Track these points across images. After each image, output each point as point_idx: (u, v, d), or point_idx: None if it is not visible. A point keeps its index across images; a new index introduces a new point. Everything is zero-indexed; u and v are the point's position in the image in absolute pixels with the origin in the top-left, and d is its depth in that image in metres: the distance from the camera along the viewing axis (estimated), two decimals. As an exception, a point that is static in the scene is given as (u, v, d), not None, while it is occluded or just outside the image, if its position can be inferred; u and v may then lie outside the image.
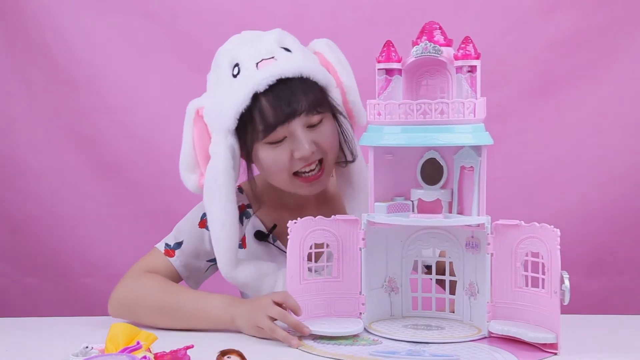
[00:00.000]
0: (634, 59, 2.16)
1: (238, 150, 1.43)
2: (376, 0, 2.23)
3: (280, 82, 1.38)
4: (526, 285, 1.27)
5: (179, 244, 1.53)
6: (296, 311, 1.32)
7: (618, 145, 2.19)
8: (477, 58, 1.25)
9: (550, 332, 1.22)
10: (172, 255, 1.53)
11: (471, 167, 1.29)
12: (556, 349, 1.21)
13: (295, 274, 1.34)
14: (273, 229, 1.56)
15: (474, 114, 1.24)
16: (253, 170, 1.49)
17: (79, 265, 2.30)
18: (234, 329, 1.37)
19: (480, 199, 1.28)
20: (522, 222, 1.26)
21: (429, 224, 1.33)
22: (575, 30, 2.17)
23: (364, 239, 1.35)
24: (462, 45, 1.25)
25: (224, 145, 1.41)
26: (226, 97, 1.41)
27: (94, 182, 2.28)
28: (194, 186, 1.47)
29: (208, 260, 1.55)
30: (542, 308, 1.25)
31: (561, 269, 1.21)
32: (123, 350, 1.12)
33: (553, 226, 1.22)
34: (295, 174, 1.44)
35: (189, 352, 1.14)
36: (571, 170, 2.21)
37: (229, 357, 1.11)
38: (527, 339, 1.23)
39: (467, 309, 1.35)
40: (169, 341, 1.22)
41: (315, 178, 1.45)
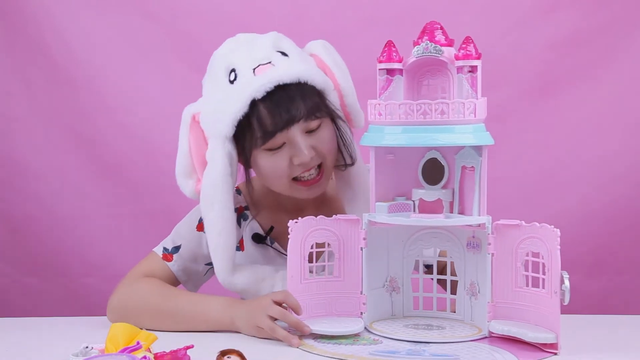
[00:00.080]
0: (634, 59, 2.16)
1: (236, 156, 1.42)
2: (376, 0, 2.22)
3: (278, 88, 1.36)
4: (526, 285, 1.27)
5: (177, 248, 1.53)
6: (297, 310, 1.32)
7: (618, 145, 2.18)
8: (478, 58, 1.25)
9: (551, 332, 1.22)
10: (170, 260, 1.52)
11: (472, 167, 1.29)
12: (556, 348, 1.21)
13: (296, 273, 1.34)
14: (270, 231, 1.55)
15: (475, 114, 1.24)
16: (250, 173, 1.48)
17: (79, 265, 2.30)
18: (234, 330, 1.37)
19: (481, 199, 1.28)
20: (523, 222, 1.27)
21: (430, 224, 1.34)
22: (575, 30, 2.17)
23: (365, 239, 1.34)
24: (463, 45, 1.25)
25: (222, 152, 1.40)
26: (223, 104, 1.39)
27: (94, 182, 2.28)
28: (191, 192, 1.46)
29: (206, 264, 1.54)
30: (543, 308, 1.25)
31: (561, 269, 1.21)
32: (123, 350, 1.12)
33: (553, 226, 1.22)
34: (294, 178, 1.43)
35: (189, 352, 1.14)
36: (571, 170, 2.21)
37: (229, 357, 1.11)
38: (528, 339, 1.23)
39: (468, 309, 1.35)
40: (169, 341, 1.22)
41: (315, 182, 1.44)
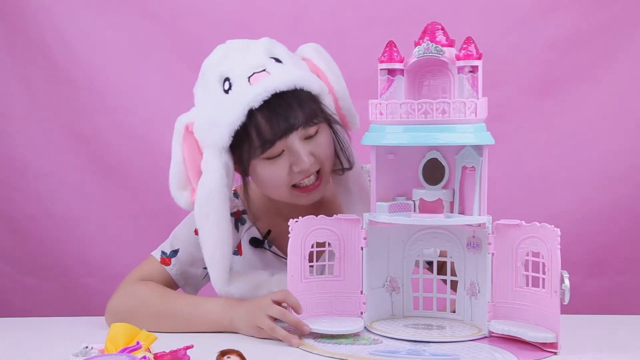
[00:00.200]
0: (634, 59, 2.16)
1: (232, 166, 1.41)
2: (376, 0, 2.22)
3: (275, 96, 1.35)
4: (527, 285, 1.27)
5: (175, 252, 1.52)
6: (297, 309, 1.32)
7: (618, 145, 2.18)
8: (479, 58, 1.25)
9: (551, 332, 1.22)
10: (169, 264, 1.52)
11: (472, 167, 1.29)
12: (556, 348, 1.21)
13: (296, 272, 1.34)
14: (268, 235, 1.55)
15: (476, 113, 1.24)
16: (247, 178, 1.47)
17: (78, 265, 2.30)
18: (234, 330, 1.37)
19: (481, 198, 1.28)
20: (523, 222, 1.27)
21: (431, 224, 1.34)
22: (575, 30, 2.17)
23: (365, 239, 1.35)
24: (464, 45, 1.25)
25: (218, 162, 1.38)
26: (219, 114, 1.37)
27: (94, 182, 2.28)
28: (186, 203, 1.44)
29: (204, 268, 1.51)
30: (543, 308, 1.25)
31: (561, 269, 1.22)
32: (123, 350, 1.12)
33: (553, 226, 1.22)
34: (294, 185, 1.42)
35: (188, 352, 1.14)
36: (571, 170, 2.21)
37: (228, 357, 1.11)
38: (527, 339, 1.23)
39: (468, 309, 1.35)
40: (168, 341, 1.22)
41: (314, 188, 1.43)
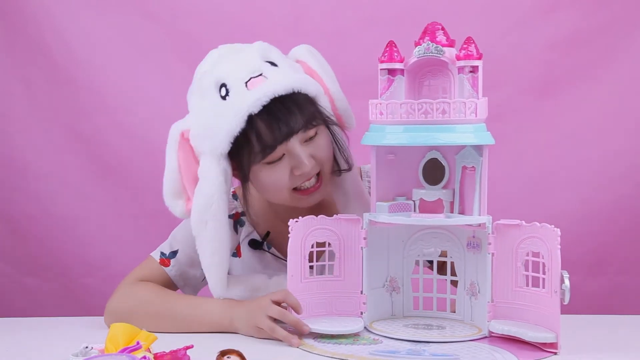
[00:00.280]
0: (634, 59, 2.16)
1: (230, 173, 1.40)
2: (376, 0, 2.22)
3: (273, 100, 1.34)
4: (527, 285, 1.27)
5: (174, 253, 1.52)
6: (297, 309, 1.32)
7: (618, 145, 2.18)
8: (479, 58, 1.25)
9: (551, 332, 1.22)
10: (168, 265, 1.52)
11: (472, 167, 1.29)
12: (556, 348, 1.21)
13: (296, 272, 1.34)
14: (267, 236, 1.55)
15: (476, 113, 1.24)
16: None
17: (78, 266, 2.30)
18: (233, 331, 1.37)
19: (481, 198, 1.28)
20: (523, 222, 1.27)
21: (431, 224, 1.34)
22: (575, 30, 2.17)
23: (365, 239, 1.35)
24: (464, 45, 1.25)
25: (216, 169, 1.37)
26: (217, 120, 1.36)
27: (93, 182, 2.28)
28: (182, 212, 1.42)
29: None
30: (543, 308, 1.25)
31: (561, 269, 1.22)
32: (123, 350, 1.12)
33: (553, 226, 1.22)
34: (295, 188, 1.42)
35: (188, 352, 1.14)
36: (571, 170, 2.21)
37: (228, 357, 1.11)
38: (527, 339, 1.23)
39: (468, 309, 1.35)
40: (168, 341, 1.22)
41: (315, 190, 1.43)
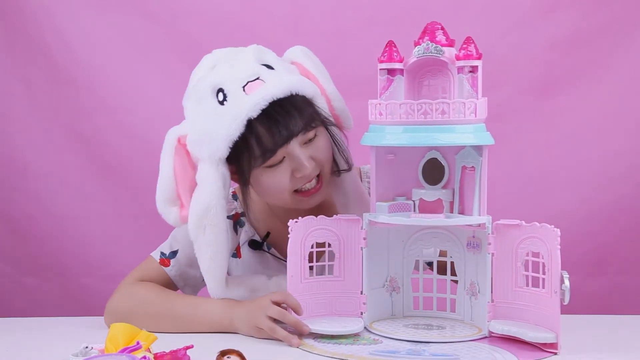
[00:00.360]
0: (634, 59, 2.16)
1: (229, 177, 1.40)
2: (376, 0, 2.22)
3: (272, 104, 1.34)
4: (527, 285, 1.27)
5: (174, 253, 1.52)
6: (297, 310, 1.32)
7: (618, 145, 2.18)
8: (479, 58, 1.25)
9: (551, 332, 1.22)
10: (168, 265, 1.52)
11: (472, 167, 1.29)
12: (556, 348, 1.21)
13: (296, 273, 1.34)
14: (267, 237, 1.55)
15: (475, 114, 1.24)
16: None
17: (78, 265, 2.30)
18: (233, 331, 1.37)
19: (481, 198, 1.28)
20: (523, 222, 1.27)
21: (431, 224, 1.34)
22: (575, 30, 2.17)
23: (365, 239, 1.35)
24: (464, 45, 1.25)
25: (215, 174, 1.36)
26: (215, 125, 1.35)
27: (93, 182, 2.28)
28: (175, 219, 1.41)
29: None
30: (543, 308, 1.25)
31: (561, 269, 1.22)
32: (123, 350, 1.12)
33: (553, 226, 1.22)
34: (295, 190, 1.41)
35: (188, 352, 1.14)
36: (571, 170, 2.21)
37: (228, 357, 1.11)
38: (528, 339, 1.23)
39: (468, 309, 1.35)
40: (168, 341, 1.22)
41: (316, 191, 1.42)
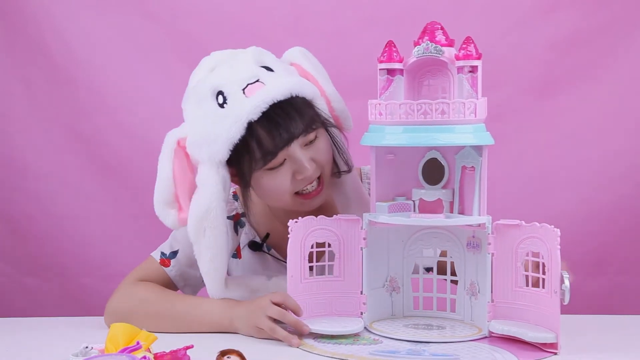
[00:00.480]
0: (634, 59, 2.16)
1: (229, 180, 1.39)
2: (376, 0, 2.22)
3: (272, 106, 1.34)
4: (527, 285, 1.27)
5: (175, 253, 1.52)
6: (297, 311, 1.32)
7: (618, 145, 2.18)
8: (479, 58, 1.25)
9: (551, 332, 1.22)
10: (168, 265, 1.52)
11: (472, 167, 1.29)
12: (556, 348, 1.21)
13: (296, 273, 1.34)
14: (267, 238, 1.55)
15: (475, 114, 1.24)
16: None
17: (78, 265, 2.30)
18: (233, 331, 1.37)
19: (481, 198, 1.28)
20: (523, 222, 1.27)
21: (430, 224, 1.34)
22: (575, 30, 2.17)
23: (365, 239, 1.35)
24: (464, 45, 1.25)
25: (216, 177, 1.36)
26: (215, 128, 1.35)
27: (93, 182, 2.28)
28: (174, 222, 1.40)
29: None
30: (543, 308, 1.25)
31: (561, 269, 1.22)
32: (123, 350, 1.12)
33: (553, 226, 1.22)
34: (296, 192, 1.41)
35: (188, 352, 1.14)
36: (571, 170, 2.21)
37: (228, 357, 1.11)
38: (528, 339, 1.23)
39: (468, 309, 1.35)
40: (168, 341, 1.22)
41: (317, 193, 1.42)
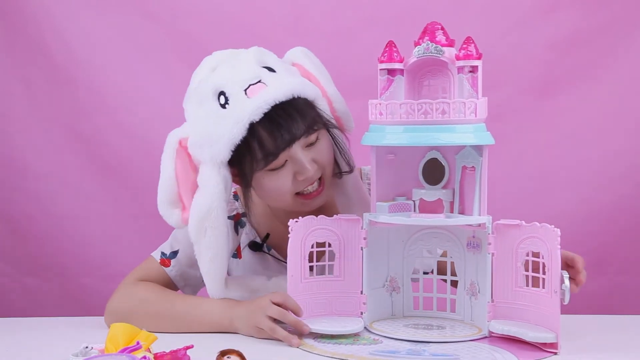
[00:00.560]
0: (634, 59, 2.16)
1: (230, 180, 1.39)
2: (376, 0, 2.22)
3: (274, 107, 1.33)
4: (527, 285, 1.27)
5: (175, 253, 1.52)
6: (297, 312, 1.32)
7: (618, 145, 2.18)
8: (479, 58, 1.25)
9: (551, 332, 1.22)
10: (168, 265, 1.52)
11: (472, 167, 1.29)
12: (556, 348, 1.21)
13: (296, 272, 1.34)
14: (267, 238, 1.55)
15: (475, 113, 1.24)
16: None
17: (78, 265, 2.30)
18: (233, 331, 1.37)
19: (481, 198, 1.28)
20: (523, 222, 1.27)
21: (431, 224, 1.34)
22: (575, 30, 2.17)
23: (365, 239, 1.35)
24: (464, 45, 1.25)
25: (217, 177, 1.36)
26: (217, 128, 1.35)
27: (93, 182, 2.28)
28: (177, 221, 1.40)
29: None
30: (543, 308, 1.25)
31: (561, 269, 1.22)
32: (123, 350, 1.12)
33: (553, 226, 1.22)
34: (297, 193, 1.41)
35: (188, 352, 1.14)
36: (571, 170, 2.21)
37: (228, 357, 1.11)
38: (528, 339, 1.23)
39: (468, 309, 1.35)
40: (168, 341, 1.22)
41: (317, 194, 1.42)
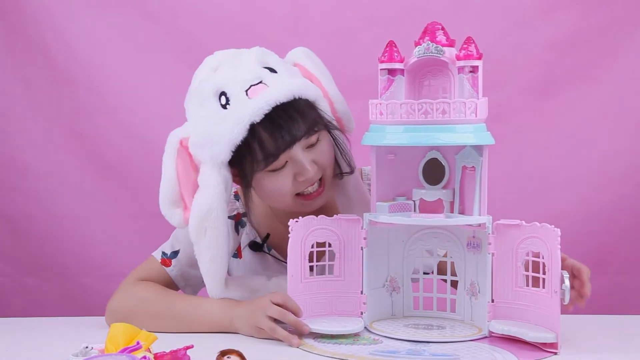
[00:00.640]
0: (634, 59, 2.16)
1: (231, 181, 1.39)
2: (376, 0, 2.22)
3: (275, 108, 1.33)
4: (527, 285, 1.27)
5: (176, 253, 1.52)
6: (297, 312, 1.32)
7: (618, 145, 2.19)
8: (479, 58, 1.25)
9: (551, 332, 1.22)
10: (169, 265, 1.52)
11: (473, 167, 1.29)
12: (556, 348, 1.21)
13: (296, 272, 1.34)
14: (267, 239, 1.55)
15: (476, 113, 1.24)
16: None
17: (78, 265, 2.30)
18: (233, 331, 1.37)
19: (481, 198, 1.28)
20: (523, 222, 1.27)
21: (431, 224, 1.34)
22: (575, 30, 2.17)
23: (365, 239, 1.35)
24: (464, 45, 1.25)
25: (217, 178, 1.36)
26: (218, 129, 1.35)
27: (93, 182, 2.28)
28: (179, 221, 1.40)
29: None
30: (543, 308, 1.25)
31: (561, 269, 1.22)
32: (123, 350, 1.12)
33: (553, 226, 1.22)
34: (297, 194, 1.41)
35: (188, 352, 1.14)
36: (571, 170, 2.21)
37: (228, 357, 1.11)
38: (528, 339, 1.23)
39: (468, 309, 1.35)
40: (168, 341, 1.22)
41: (318, 195, 1.42)
